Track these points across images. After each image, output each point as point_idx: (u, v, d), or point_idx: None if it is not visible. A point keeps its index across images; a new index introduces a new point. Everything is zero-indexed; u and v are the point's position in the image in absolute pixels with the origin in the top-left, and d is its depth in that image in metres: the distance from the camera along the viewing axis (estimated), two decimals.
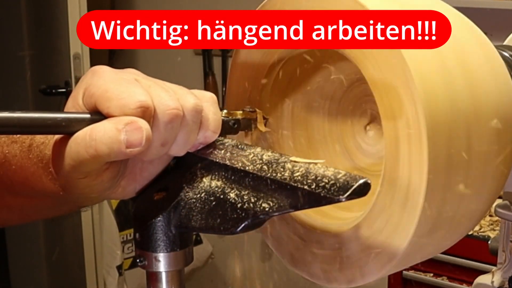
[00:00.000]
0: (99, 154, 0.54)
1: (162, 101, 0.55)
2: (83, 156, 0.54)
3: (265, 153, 0.57)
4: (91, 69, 0.58)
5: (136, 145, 0.53)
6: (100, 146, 0.53)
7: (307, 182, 0.52)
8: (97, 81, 0.56)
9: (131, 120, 0.53)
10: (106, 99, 0.54)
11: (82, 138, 0.54)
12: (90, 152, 0.54)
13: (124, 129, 0.53)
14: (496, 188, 0.62)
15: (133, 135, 0.53)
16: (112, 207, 2.70)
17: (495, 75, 0.61)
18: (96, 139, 0.53)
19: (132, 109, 0.53)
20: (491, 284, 0.91)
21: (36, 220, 0.77)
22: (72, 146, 0.55)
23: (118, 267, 2.70)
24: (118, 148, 0.53)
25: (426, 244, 0.59)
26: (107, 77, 0.56)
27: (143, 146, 0.54)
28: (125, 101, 0.54)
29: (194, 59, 2.98)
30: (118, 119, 0.53)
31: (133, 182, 0.61)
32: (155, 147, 0.56)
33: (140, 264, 0.60)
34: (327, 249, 0.63)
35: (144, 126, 0.53)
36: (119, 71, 0.57)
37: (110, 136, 0.53)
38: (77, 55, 2.55)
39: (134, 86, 0.55)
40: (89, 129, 0.54)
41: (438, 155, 0.55)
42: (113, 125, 0.53)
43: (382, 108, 0.58)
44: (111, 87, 0.54)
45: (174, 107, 0.55)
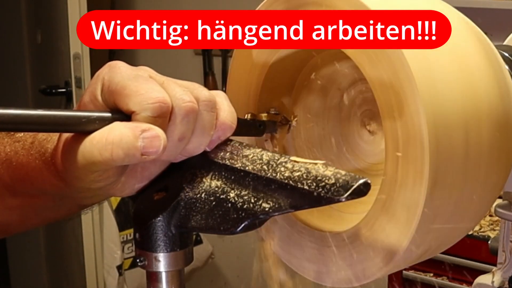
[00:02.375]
0: (114, 158, 0.54)
1: (177, 96, 0.56)
2: (96, 157, 0.55)
3: (265, 153, 0.57)
4: (108, 64, 0.58)
5: (152, 153, 0.54)
6: (116, 151, 0.53)
7: (307, 182, 0.52)
8: (115, 77, 0.56)
9: (149, 127, 0.53)
10: (125, 96, 0.55)
11: (98, 140, 0.54)
12: (104, 155, 0.54)
13: (141, 136, 0.53)
14: (496, 187, 0.62)
15: (151, 142, 0.53)
16: (112, 207, 2.70)
17: (495, 75, 0.61)
18: (113, 142, 0.53)
19: (151, 104, 0.54)
20: (491, 284, 0.91)
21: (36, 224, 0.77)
22: (87, 146, 0.55)
23: (118, 267, 2.70)
24: (134, 154, 0.54)
25: (427, 244, 0.59)
26: (124, 74, 0.56)
27: (159, 154, 0.54)
28: (143, 96, 0.54)
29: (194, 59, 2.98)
30: (136, 125, 0.54)
31: (132, 179, 0.61)
32: (172, 142, 0.56)
33: (140, 264, 0.60)
34: (327, 249, 0.63)
35: (162, 135, 0.54)
36: (135, 68, 0.58)
37: (127, 141, 0.53)
38: (77, 55, 2.55)
39: (151, 83, 0.55)
40: (106, 131, 0.54)
41: (438, 155, 0.55)
42: (130, 131, 0.53)
43: (382, 108, 0.58)
44: (129, 84, 0.55)
45: (189, 100, 0.56)
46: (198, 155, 0.60)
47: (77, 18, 2.47)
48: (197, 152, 0.58)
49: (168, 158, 0.58)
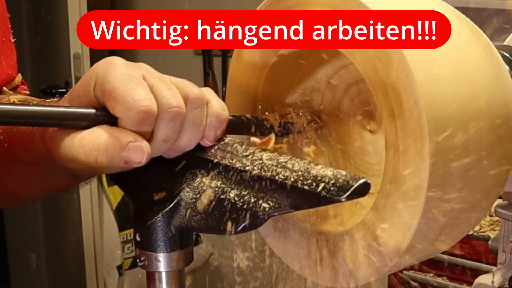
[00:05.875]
0: (97, 164, 0.56)
1: (164, 101, 0.57)
2: (81, 158, 0.57)
3: (265, 153, 0.57)
4: (106, 59, 0.59)
5: (135, 163, 0.56)
6: (101, 158, 0.56)
7: (307, 182, 0.52)
8: (108, 76, 0.57)
9: (135, 139, 0.56)
10: (113, 99, 0.56)
11: (86, 143, 0.57)
12: (89, 159, 0.56)
13: (126, 147, 0.55)
14: (496, 186, 0.62)
15: (135, 154, 0.56)
16: (112, 207, 2.70)
17: (495, 75, 0.61)
18: (99, 150, 0.56)
19: (135, 113, 0.55)
20: (491, 284, 0.91)
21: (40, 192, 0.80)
22: (75, 145, 0.57)
23: (118, 267, 2.70)
24: (117, 162, 0.56)
25: (427, 243, 0.59)
26: (118, 74, 0.57)
27: (142, 163, 0.56)
28: (129, 104, 0.56)
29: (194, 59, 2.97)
30: (123, 135, 0.56)
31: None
32: (157, 142, 0.58)
33: (140, 264, 0.60)
34: (327, 249, 0.63)
35: (146, 149, 0.56)
36: (130, 67, 0.59)
37: (112, 150, 0.56)
38: (77, 55, 2.55)
39: (140, 88, 0.56)
40: (95, 136, 0.56)
41: (439, 155, 0.55)
42: (116, 141, 0.55)
43: (382, 108, 0.58)
44: (118, 87, 0.56)
45: (176, 105, 0.57)
46: (198, 155, 0.60)
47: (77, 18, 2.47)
48: (189, 148, 0.60)
49: (155, 155, 0.59)
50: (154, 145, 0.58)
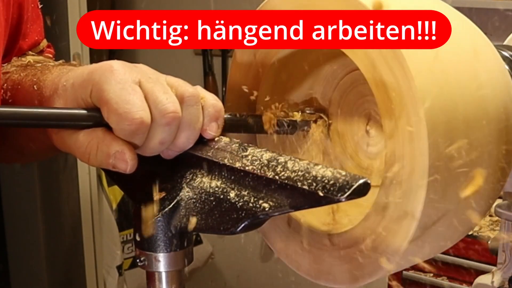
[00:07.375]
0: (90, 164, 0.61)
1: (159, 107, 0.58)
2: (76, 155, 0.61)
3: (265, 153, 0.57)
4: (103, 64, 0.60)
5: (121, 170, 0.60)
6: (92, 160, 0.60)
7: (307, 182, 0.52)
8: (104, 85, 0.58)
9: (122, 150, 0.59)
10: (107, 110, 0.58)
11: (80, 145, 0.61)
12: (82, 159, 0.61)
13: (113, 155, 0.59)
14: (496, 186, 0.62)
15: (119, 163, 0.59)
16: (112, 207, 2.70)
17: (495, 75, 0.61)
18: (90, 153, 0.60)
19: (127, 126, 0.58)
20: (491, 284, 0.91)
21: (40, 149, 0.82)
22: (72, 143, 0.61)
23: (118, 267, 2.70)
24: (106, 166, 0.60)
25: (427, 243, 0.59)
26: (113, 83, 0.58)
27: (128, 172, 0.59)
28: (121, 117, 0.58)
29: (194, 59, 2.97)
30: (110, 144, 0.59)
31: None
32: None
33: (140, 264, 0.60)
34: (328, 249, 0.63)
35: (130, 161, 0.59)
36: (128, 70, 0.59)
37: (100, 156, 0.60)
38: (77, 55, 2.55)
39: (134, 99, 0.58)
40: (86, 141, 0.60)
41: (438, 153, 0.55)
42: (105, 148, 0.59)
43: (382, 108, 0.58)
44: (112, 99, 0.58)
45: (172, 111, 0.58)
46: (198, 155, 0.60)
47: (77, 18, 2.47)
48: (188, 146, 0.61)
49: (153, 155, 0.61)
50: (151, 147, 0.59)
